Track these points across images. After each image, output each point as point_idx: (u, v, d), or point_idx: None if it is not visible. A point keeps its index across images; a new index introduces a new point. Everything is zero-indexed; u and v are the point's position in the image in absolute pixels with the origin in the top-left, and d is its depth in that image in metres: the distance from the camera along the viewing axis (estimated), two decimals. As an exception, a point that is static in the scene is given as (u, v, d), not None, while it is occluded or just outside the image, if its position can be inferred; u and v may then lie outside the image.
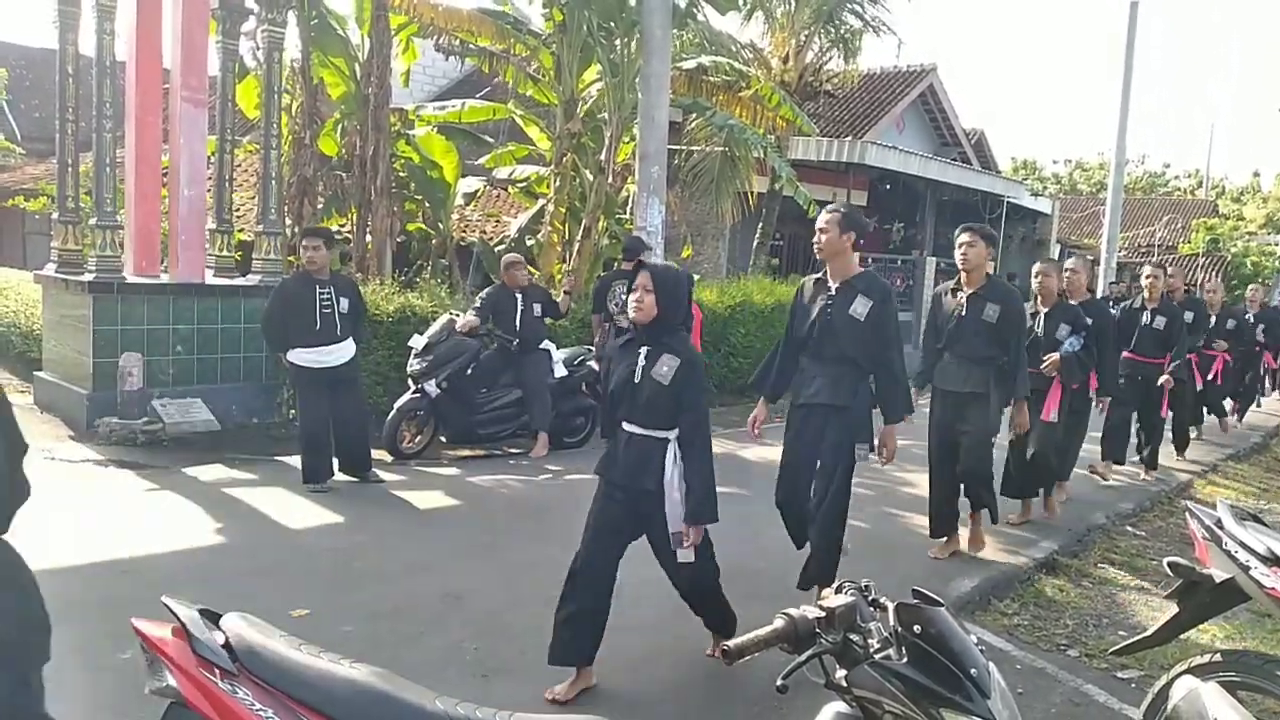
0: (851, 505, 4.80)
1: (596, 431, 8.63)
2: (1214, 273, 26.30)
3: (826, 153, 16.55)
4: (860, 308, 4.55)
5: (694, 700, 3.78)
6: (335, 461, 6.72)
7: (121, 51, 8.27)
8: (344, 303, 6.54)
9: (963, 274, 5.63)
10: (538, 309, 8.12)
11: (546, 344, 8.29)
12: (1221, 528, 3.08)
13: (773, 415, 5.01)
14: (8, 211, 15.70)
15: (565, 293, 8.87)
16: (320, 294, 6.42)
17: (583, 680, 3.72)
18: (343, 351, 6.58)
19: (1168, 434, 9.22)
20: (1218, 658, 3.00)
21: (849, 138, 17.43)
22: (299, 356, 6.47)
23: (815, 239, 4.66)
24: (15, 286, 11.21)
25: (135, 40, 8.24)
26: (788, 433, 4.83)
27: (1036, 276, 6.68)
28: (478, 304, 8.10)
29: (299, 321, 6.40)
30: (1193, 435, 10.08)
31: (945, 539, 5.79)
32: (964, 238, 5.51)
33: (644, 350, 3.69)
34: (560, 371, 8.37)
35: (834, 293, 4.63)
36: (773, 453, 5.56)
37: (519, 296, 8.04)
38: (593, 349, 8.80)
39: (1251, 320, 11.45)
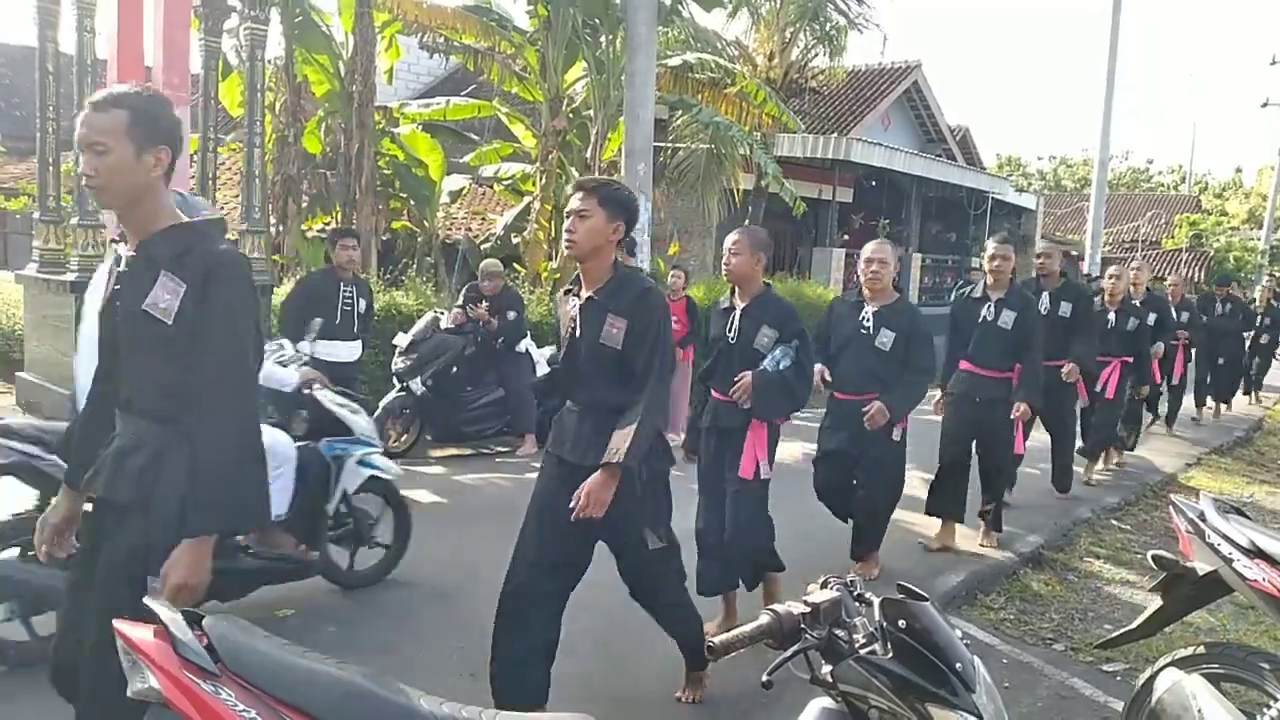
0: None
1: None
2: (1198, 268, 26.47)
3: (812, 150, 16.57)
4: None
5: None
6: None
7: (102, 49, 8.20)
8: (362, 304, 6.74)
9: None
10: (512, 315, 8.06)
11: (527, 344, 8.27)
12: (1204, 521, 3.10)
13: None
14: (-12, 211, 15.56)
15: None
16: (344, 291, 6.61)
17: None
18: (354, 349, 6.74)
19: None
20: (1201, 650, 3.02)
21: (834, 134, 17.45)
22: (311, 347, 6.55)
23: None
24: (-4, 287, 11.11)
25: (116, 38, 8.16)
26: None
27: (728, 251, 4.30)
28: (460, 301, 8.13)
29: (319, 314, 6.54)
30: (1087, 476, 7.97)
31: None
32: (574, 200, 3.27)
33: None
34: (543, 369, 8.36)
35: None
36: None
37: (486, 303, 8.02)
38: None
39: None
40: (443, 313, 8.11)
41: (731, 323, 4.33)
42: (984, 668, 1.81)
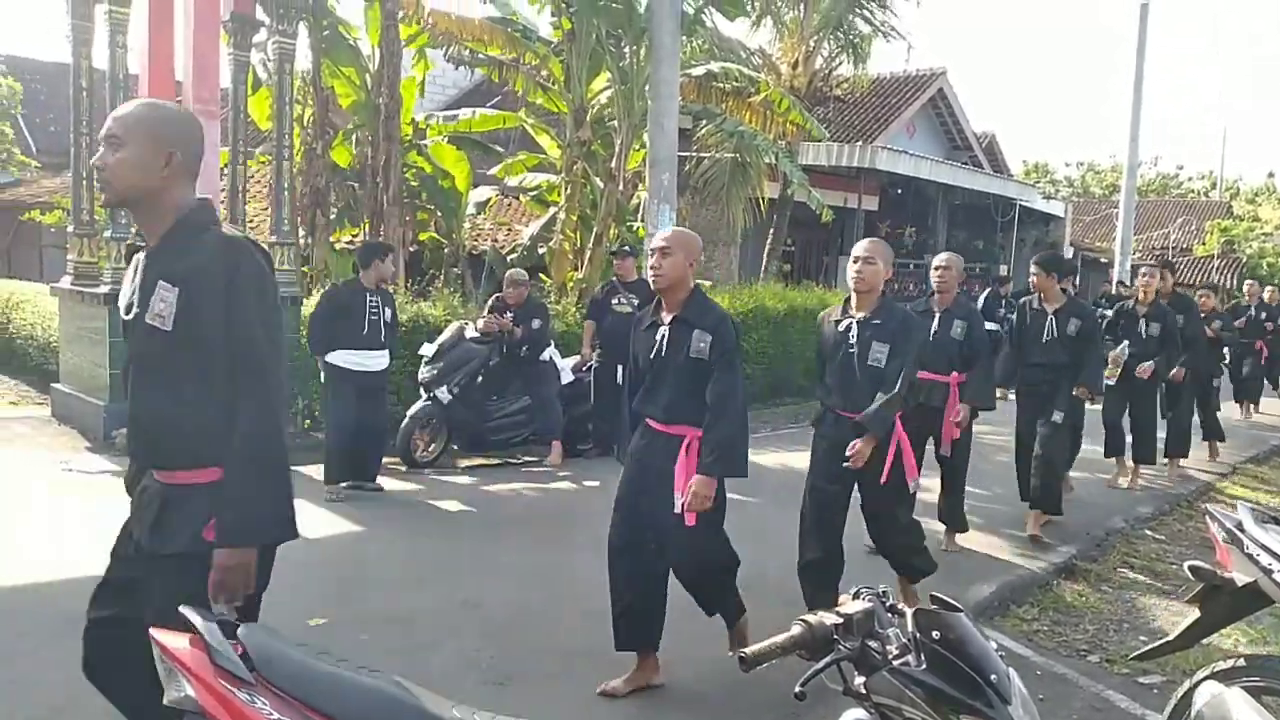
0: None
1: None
2: (1230, 274, 26.10)
3: (837, 158, 16.55)
4: None
5: (711, 707, 3.76)
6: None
7: (134, 64, 8.34)
8: (388, 313, 6.83)
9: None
10: (537, 324, 8.09)
11: (551, 353, 8.31)
12: (1243, 530, 3.05)
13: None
14: (24, 225, 15.83)
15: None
16: (370, 302, 6.70)
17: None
18: (381, 359, 6.83)
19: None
20: (1241, 662, 2.97)
21: (860, 143, 17.41)
22: (341, 358, 6.65)
23: None
24: (32, 299, 11.29)
25: (147, 53, 8.30)
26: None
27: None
28: (487, 312, 8.19)
29: (347, 325, 6.64)
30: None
31: None
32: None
33: None
34: (567, 377, 8.39)
35: None
36: (790, 458, 5.47)
37: (510, 313, 8.06)
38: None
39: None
40: (468, 323, 8.16)
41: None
42: (1019, 679, 1.78)
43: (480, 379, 7.90)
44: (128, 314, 2.34)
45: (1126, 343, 7.76)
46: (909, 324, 4.50)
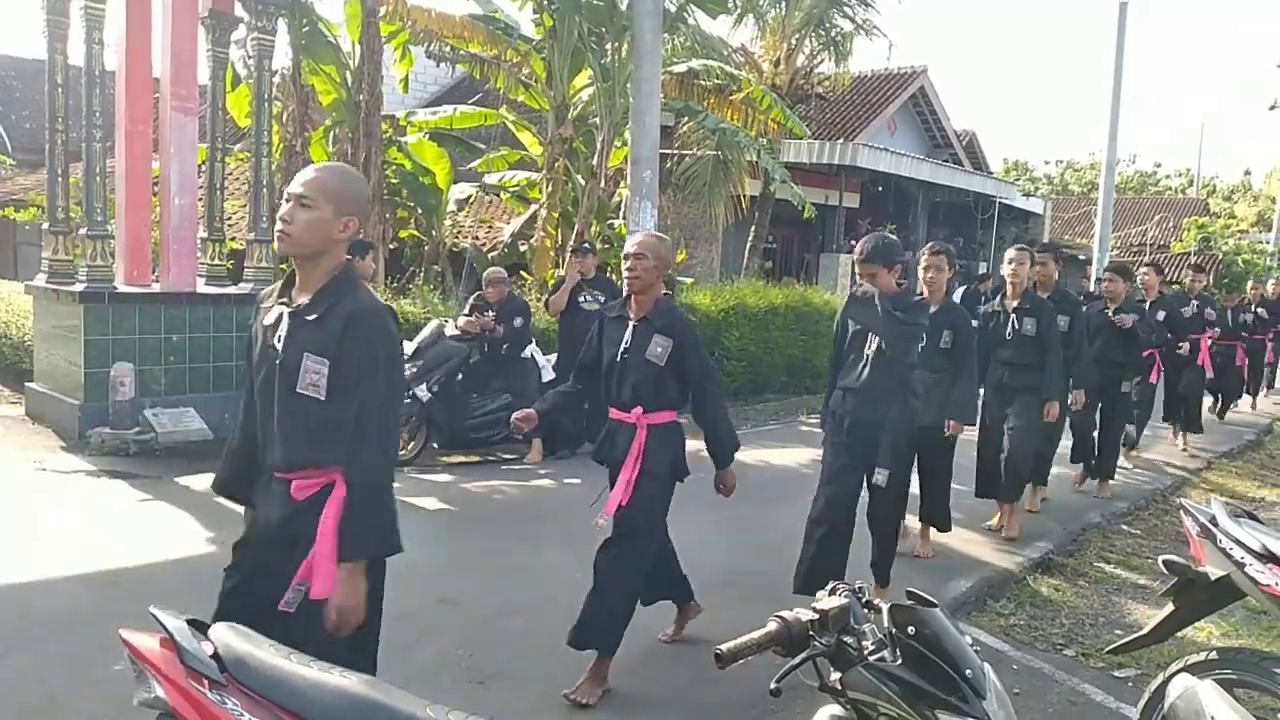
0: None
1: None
2: (1207, 271, 26.29)
3: (818, 155, 16.60)
4: None
5: (688, 704, 3.77)
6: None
7: (111, 61, 8.24)
8: None
9: None
10: (518, 322, 8.10)
11: (532, 350, 8.32)
12: (1216, 525, 3.09)
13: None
14: (-1, 222, 15.66)
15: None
16: None
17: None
18: None
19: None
20: (1214, 655, 3.00)
21: (841, 140, 17.46)
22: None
23: None
24: (6, 297, 11.16)
25: (124, 49, 8.22)
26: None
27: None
28: (468, 310, 8.18)
29: None
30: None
31: None
32: None
33: None
34: (548, 374, 8.38)
35: None
36: (771, 455, 5.46)
37: (491, 311, 8.07)
38: None
39: None
40: (448, 320, 8.14)
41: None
42: (994, 674, 1.79)
43: (460, 376, 7.89)
44: None
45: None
46: (358, 324, 2.56)
